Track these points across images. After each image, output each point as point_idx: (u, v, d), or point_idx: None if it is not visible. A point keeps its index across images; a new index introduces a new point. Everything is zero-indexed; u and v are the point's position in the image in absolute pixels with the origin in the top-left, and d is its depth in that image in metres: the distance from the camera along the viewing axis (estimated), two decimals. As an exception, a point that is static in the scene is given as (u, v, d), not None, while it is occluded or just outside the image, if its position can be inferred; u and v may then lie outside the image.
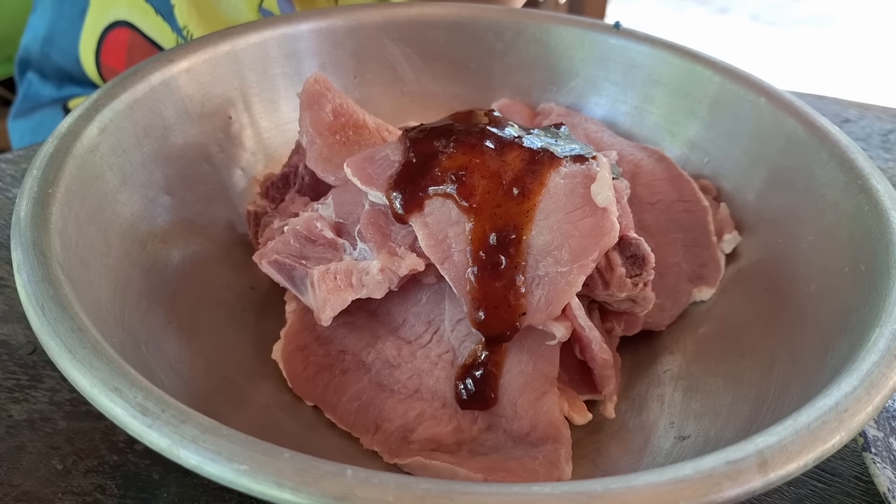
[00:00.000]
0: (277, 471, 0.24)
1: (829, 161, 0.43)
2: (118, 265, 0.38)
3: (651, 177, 0.50)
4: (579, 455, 0.37)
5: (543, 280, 0.35)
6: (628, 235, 0.38)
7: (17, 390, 0.40)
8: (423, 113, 0.54)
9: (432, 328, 0.39)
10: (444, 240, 0.36)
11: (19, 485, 0.35)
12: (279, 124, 0.51)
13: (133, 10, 0.72)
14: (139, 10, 0.72)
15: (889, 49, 2.50)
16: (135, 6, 0.72)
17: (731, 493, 0.25)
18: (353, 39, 0.54)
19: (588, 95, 0.56)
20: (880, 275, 0.35)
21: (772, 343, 0.39)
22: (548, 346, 0.37)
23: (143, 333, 0.36)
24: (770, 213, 0.46)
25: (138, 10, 0.72)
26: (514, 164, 0.37)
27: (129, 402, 0.26)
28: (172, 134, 0.44)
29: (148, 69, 0.44)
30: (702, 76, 0.52)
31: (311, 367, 0.40)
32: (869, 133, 0.72)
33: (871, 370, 0.30)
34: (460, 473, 0.34)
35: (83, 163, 0.38)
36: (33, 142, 0.77)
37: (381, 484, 0.24)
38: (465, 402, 0.37)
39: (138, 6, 0.71)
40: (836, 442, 0.27)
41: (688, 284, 0.46)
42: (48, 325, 0.29)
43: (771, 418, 0.33)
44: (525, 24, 0.56)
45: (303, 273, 0.38)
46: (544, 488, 0.24)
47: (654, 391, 0.41)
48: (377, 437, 0.37)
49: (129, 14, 0.72)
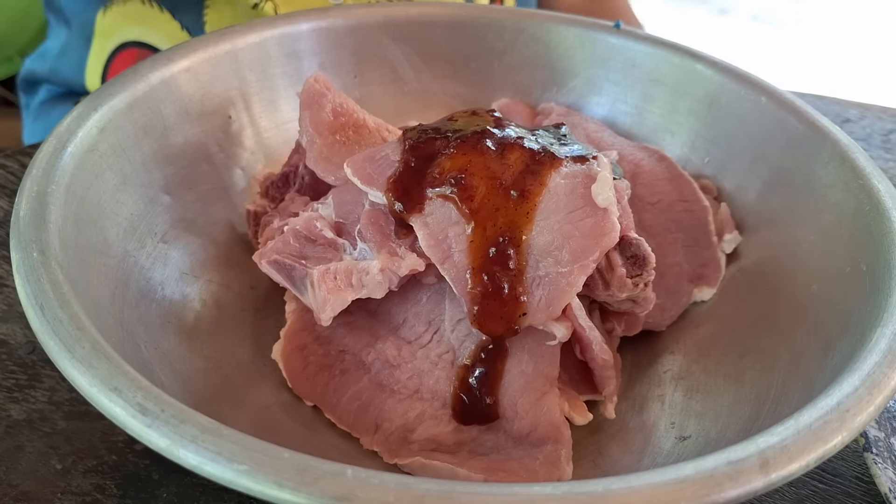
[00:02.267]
0: (277, 471, 0.24)
1: (830, 161, 0.43)
2: (118, 265, 0.38)
3: (651, 177, 0.50)
4: (580, 455, 0.36)
5: (544, 280, 0.35)
6: (629, 236, 0.38)
7: (16, 390, 0.40)
8: (423, 112, 0.54)
9: (432, 328, 0.39)
10: (445, 240, 0.36)
11: (18, 485, 0.35)
12: (279, 124, 0.51)
13: (144, 26, 0.72)
14: (153, 24, 0.71)
15: (889, 49, 2.50)
16: (147, 21, 0.71)
17: (733, 494, 0.25)
18: (353, 39, 0.54)
19: (588, 95, 0.56)
20: (881, 274, 0.35)
21: (773, 343, 0.39)
22: (548, 347, 0.37)
23: (142, 333, 0.36)
24: (771, 213, 0.46)
25: (151, 25, 0.71)
26: (514, 164, 0.37)
27: (128, 402, 0.26)
28: (172, 133, 0.44)
29: (147, 68, 0.44)
30: (702, 76, 0.52)
31: (310, 367, 0.40)
32: (869, 133, 0.72)
33: (873, 370, 0.30)
34: (460, 474, 0.34)
35: (83, 162, 0.38)
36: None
37: (381, 484, 0.23)
38: (466, 417, 0.37)
39: (154, 20, 0.71)
40: (838, 442, 0.27)
41: (688, 284, 0.45)
42: (47, 324, 0.29)
43: (772, 418, 0.33)
44: (525, 24, 0.56)
45: (302, 273, 0.38)
46: (545, 488, 0.24)
47: (654, 391, 0.41)
48: (377, 437, 0.37)
49: (140, 32, 0.72)
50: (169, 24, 0.71)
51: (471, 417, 0.37)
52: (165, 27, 0.71)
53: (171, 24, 0.71)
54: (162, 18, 0.71)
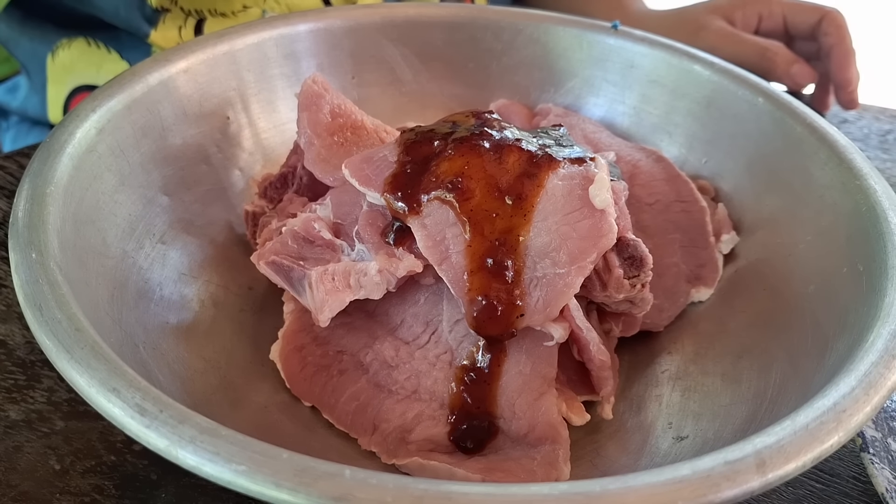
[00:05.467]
0: (275, 471, 0.24)
1: (828, 161, 0.43)
2: (116, 265, 0.38)
3: (649, 177, 0.50)
4: (577, 455, 0.37)
5: (541, 281, 0.35)
6: (626, 237, 0.38)
7: (14, 390, 0.40)
8: (421, 113, 0.54)
9: (430, 329, 0.39)
10: (442, 241, 0.36)
11: (17, 485, 0.35)
12: (277, 125, 0.51)
13: (92, 69, 0.71)
14: (101, 67, 0.71)
15: (887, 49, 2.50)
16: (95, 64, 0.71)
17: (729, 494, 0.25)
18: (351, 40, 0.54)
19: (586, 96, 0.56)
20: (878, 275, 0.35)
21: (770, 343, 0.39)
22: (546, 347, 0.37)
23: (140, 334, 0.36)
24: (768, 214, 0.46)
25: (100, 67, 0.71)
26: (512, 165, 0.37)
27: (126, 403, 0.26)
28: (170, 134, 0.44)
29: (146, 69, 0.44)
30: (700, 77, 0.52)
31: (308, 368, 0.40)
32: (867, 133, 0.72)
33: (870, 370, 0.30)
34: (458, 474, 0.34)
35: (81, 163, 0.38)
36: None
37: (379, 484, 0.23)
38: (461, 442, 0.37)
39: (102, 61, 0.71)
40: (835, 442, 0.27)
41: (686, 285, 0.46)
42: (46, 325, 0.29)
43: (769, 418, 0.33)
44: (523, 25, 0.56)
45: (301, 274, 0.38)
46: (542, 489, 0.24)
47: (652, 391, 0.41)
48: (375, 438, 0.37)
49: (90, 76, 0.71)
50: (117, 65, 0.71)
51: (466, 439, 0.37)
52: (113, 69, 0.70)
53: (118, 65, 0.71)
54: (110, 59, 0.71)
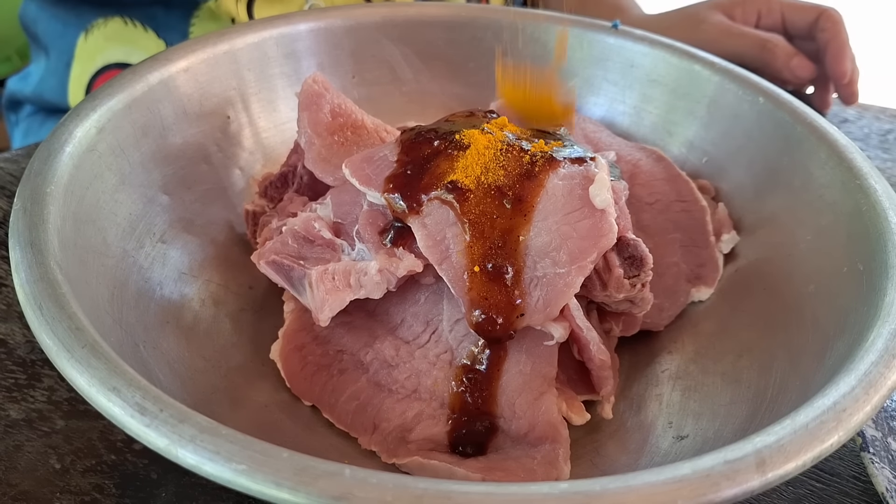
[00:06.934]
0: (276, 470, 0.24)
1: (828, 161, 0.43)
2: (116, 265, 0.38)
3: (649, 177, 0.50)
4: (577, 455, 0.37)
5: (542, 281, 0.35)
6: (626, 236, 0.38)
7: (15, 389, 0.40)
8: (421, 113, 0.54)
9: (430, 328, 0.39)
10: (443, 241, 0.36)
11: (17, 484, 0.35)
12: (277, 124, 0.51)
13: (127, 46, 0.71)
14: (136, 44, 0.71)
15: (887, 49, 2.50)
16: (130, 42, 0.71)
17: (729, 493, 0.25)
18: (352, 39, 0.54)
19: (586, 95, 0.56)
20: (878, 274, 0.35)
21: (770, 343, 0.39)
22: (546, 347, 0.37)
23: (141, 333, 0.36)
24: (768, 213, 0.46)
25: (135, 45, 0.71)
26: (512, 165, 0.37)
27: (127, 402, 0.26)
28: (171, 133, 0.44)
29: (146, 69, 0.44)
30: (700, 76, 0.52)
31: (309, 367, 0.40)
32: (867, 133, 0.72)
33: (870, 370, 0.30)
34: (458, 473, 0.34)
35: (81, 162, 0.38)
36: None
37: (379, 483, 0.23)
38: (460, 447, 0.37)
39: (137, 40, 0.71)
40: (835, 442, 0.27)
41: (686, 284, 0.46)
42: (46, 324, 0.29)
43: (769, 418, 0.33)
44: (524, 24, 0.56)
45: (301, 273, 0.38)
46: (542, 488, 0.24)
47: (652, 391, 0.41)
48: (375, 437, 0.37)
49: (123, 53, 0.72)
50: (153, 43, 0.71)
51: (466, 444, 0.37)
52: (149, 46, 0.71)
53: (155, 43, 0.71)
54: (146, 37, 0.71)
